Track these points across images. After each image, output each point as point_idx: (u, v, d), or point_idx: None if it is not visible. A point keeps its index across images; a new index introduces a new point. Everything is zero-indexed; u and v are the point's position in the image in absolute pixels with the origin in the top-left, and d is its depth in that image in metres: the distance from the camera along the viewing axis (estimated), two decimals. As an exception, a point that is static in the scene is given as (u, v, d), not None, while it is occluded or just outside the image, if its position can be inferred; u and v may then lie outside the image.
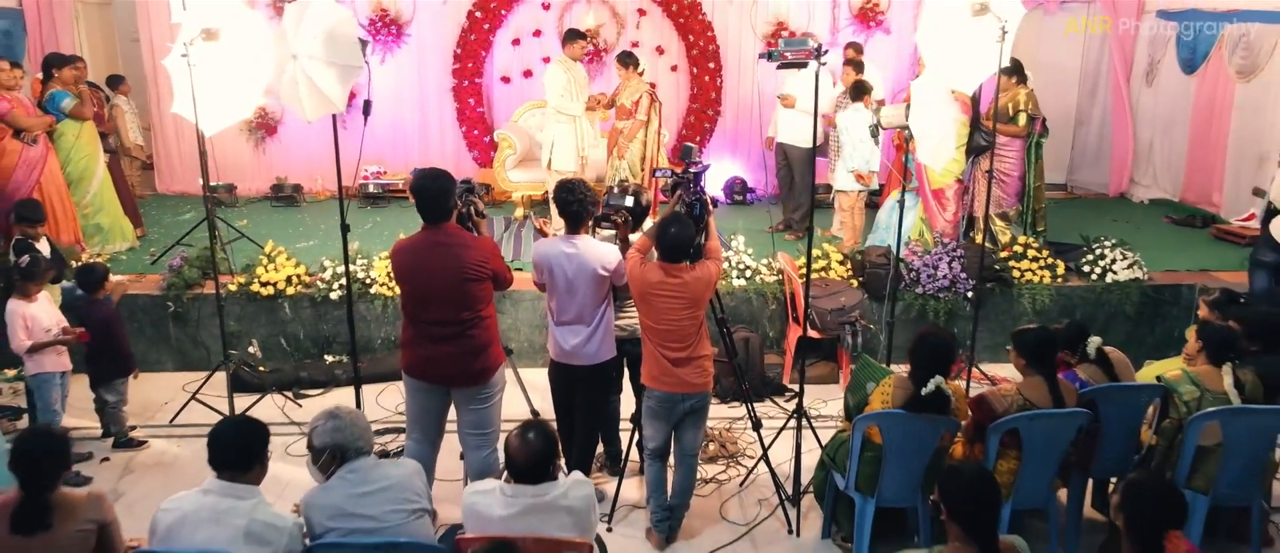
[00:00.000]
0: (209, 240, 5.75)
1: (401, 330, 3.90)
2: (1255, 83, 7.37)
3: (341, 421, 2.85)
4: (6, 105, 5.92)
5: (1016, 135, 6.58)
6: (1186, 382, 3.85)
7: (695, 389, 3.88)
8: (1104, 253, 6.26)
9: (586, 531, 2.79)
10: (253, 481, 2.74)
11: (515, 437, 2.77)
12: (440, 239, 3.68)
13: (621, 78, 7.09)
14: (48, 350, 4.45)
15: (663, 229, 3.75)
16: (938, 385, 3.51)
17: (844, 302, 5.69)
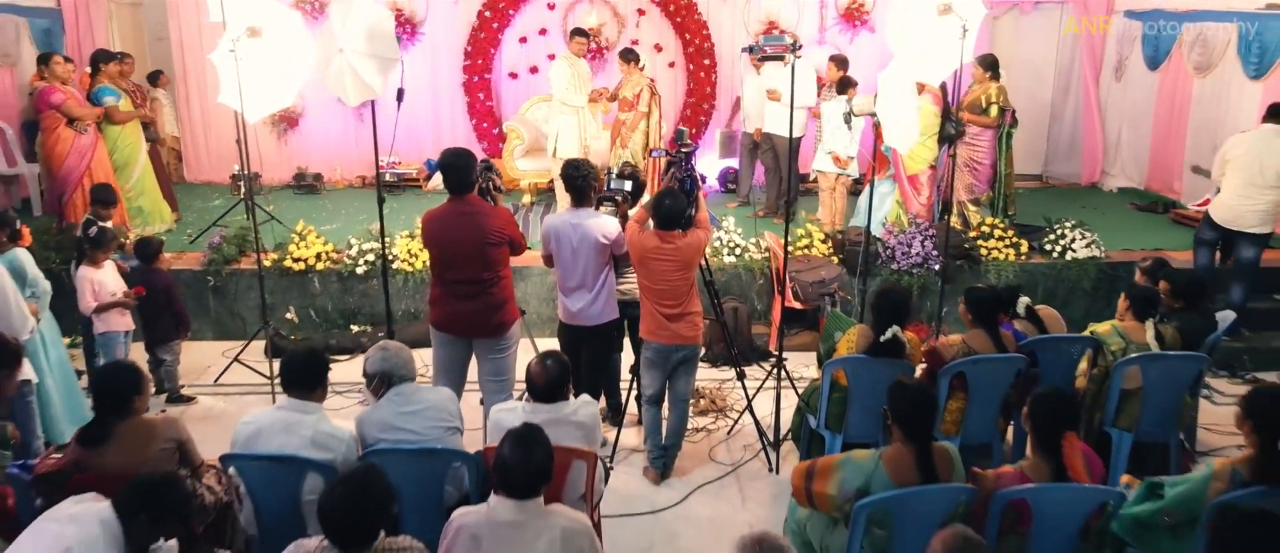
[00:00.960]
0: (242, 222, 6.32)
1: (430, 290, 4.47)
2: (1211, 78, 7.92)
3: (389, 353, 3.42)
4: (61, 97, 6.49)
5: (988, 126, 7.14)
6: (1114, 335, 4.42)
7: (686, 341, 4.45)
8: (1064, 233, 6.82)
9: (592, 443, 3.36)
10: (316, 399, 3.31)
11: (535, 363, 3.35)
12: (464, 209, 4.25)
13: (624, 73, 7.67)
14: (112, 312, 5.02)
15: (658, 201, 4.31)
16: (894, 333, 4.07)
17: (824, 275, 6.26)
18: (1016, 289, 4.72)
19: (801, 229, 6.87)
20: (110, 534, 2.52)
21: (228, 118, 8.66)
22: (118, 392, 3.11)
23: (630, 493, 4.57)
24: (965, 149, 7.18)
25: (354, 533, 2.40)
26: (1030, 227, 7.13)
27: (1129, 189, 9.16)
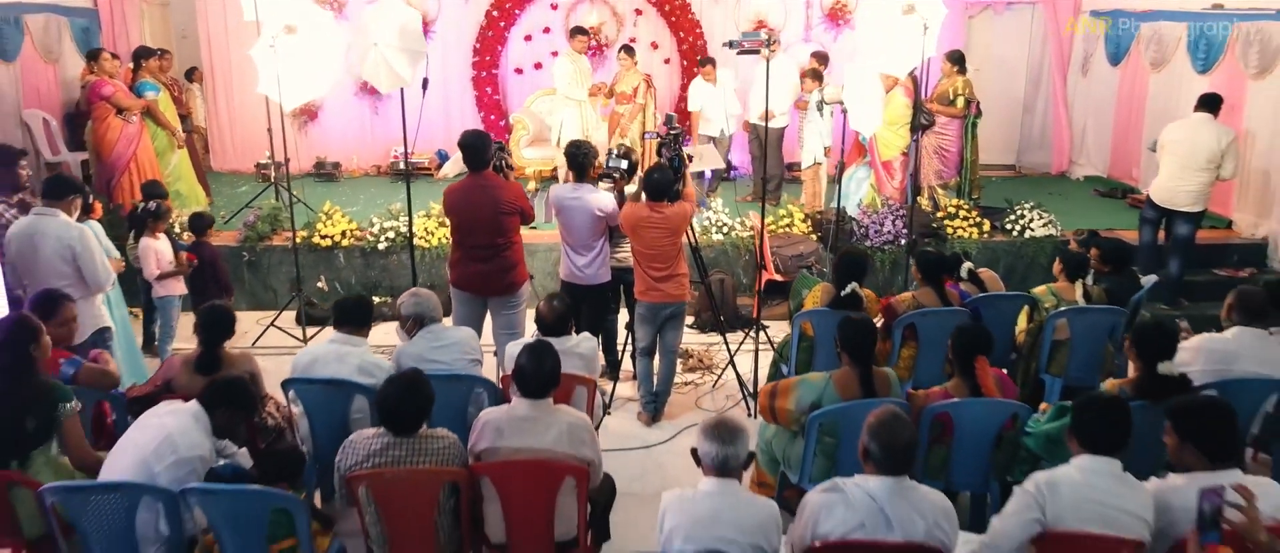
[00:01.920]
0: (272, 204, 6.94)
1: (450, 253, 5.12)
2: (1165, 73, 8.56)
3: (421, 298, 4.08)
4: (111, 89, 7.15)
5: (955, 116, 7.79)
6: (1049, 295, 5.07)
7: (674, 299, 5.10)
8: (1024, 214, 7.47)
9: (592, 371, 4.02)
10: (362, 335, 3.97)
11: (544, 302, 4.00)
12: (481, 182, 4.90)
13: (623, 66, 8.33)
14: (170, 278, 5.67)
15: (649, 175, 4.97)
16: (852, 289, 4.72)
17: (802, 250, 6.91)
18: (959, 256, 5.36)
19: (783, 210, 7.52)
20: (199, 424, 3.18)
21: (252, 110, 9.34)
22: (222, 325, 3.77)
23: (626, 433, 5.22)
24: (934, 137, 7.84)
25: (404, 421, 3.05)
26: (994, 208, 7.78)
27: (1094, 177, 9.80)
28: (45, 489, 3.00)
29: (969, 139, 7.92)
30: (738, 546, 2.63)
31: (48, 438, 3.34)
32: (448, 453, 3.13)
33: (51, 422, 3.31)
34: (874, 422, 2.72)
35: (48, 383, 3.37)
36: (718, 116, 8.53)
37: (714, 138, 8.56)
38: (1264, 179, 7.41)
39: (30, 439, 3.29)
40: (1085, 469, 2.76)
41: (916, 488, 2.72)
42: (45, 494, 3.01)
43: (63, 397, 3.34)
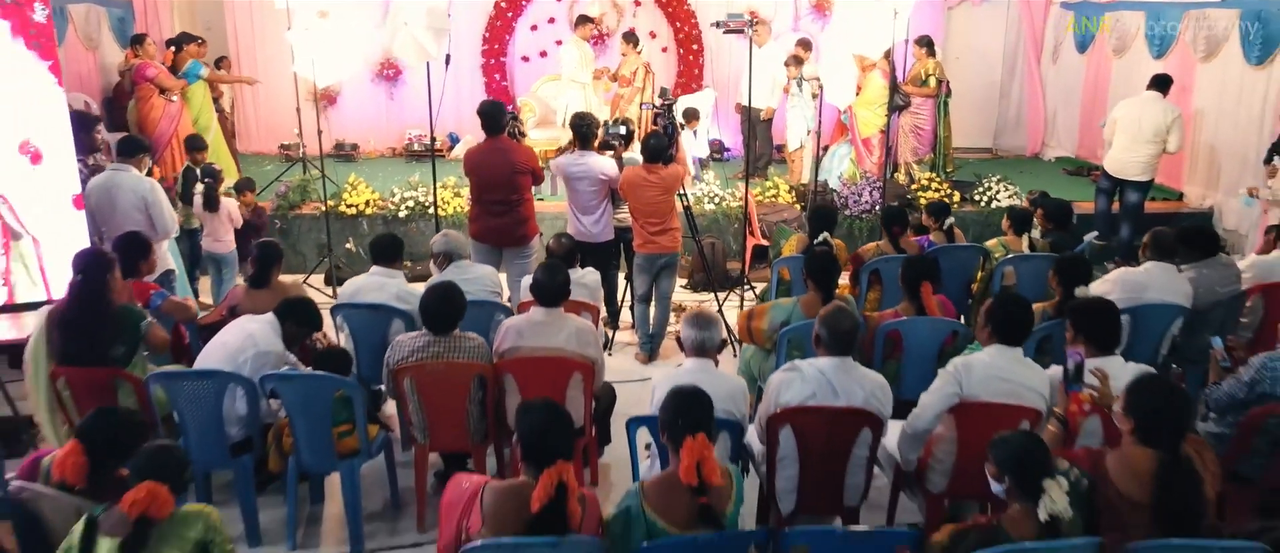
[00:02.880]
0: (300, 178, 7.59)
1: (470, 209, 5.79)
2: (1125, 58, 9.23)
3: (451, 237, 4.75)
4: (154, 71, 7.81)
5: (928, 96, 8.45)
6: (999, 246, 5.74)
7: (666, 250, 5.75)
8: (991, 186, 8.13)
9: (595, 300, 4.68)
10: (397, 268, 4.63)
11: (552, 239, 4.68)
12: (497, 145, 5.56)
13: (624, 52, 8.98)
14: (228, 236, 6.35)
15: (645, 141, 5.62)
16: (824, 238, 5.38)
17: (785, 217, 7.57)
18: (945, 206, 6.01)
19: (770, 182, 8.18)
20: (274, 329, 3.83)
21: (275, 95, 10.01)
22: (273, 254, 4.44)
23: (625, 369, 5.88)
24: (910, 117, 8.50)
25: (442, 321, 3.72)
26: (965, 182, 8.44)
27: (1064, 157, 10.47)
28: (151, 376, 3.66)
29: (941, 117, 8.58)
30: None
31: (133, 360, 3.96)
32: (477, 351, 3.80)
33: (136, 342, 3.93)
34: (824, 313, 3.38)
35: (125, 309, 3.94)
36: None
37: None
38: (1211, 154, 8.07)
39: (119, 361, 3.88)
40: (994, 354, 3.42)
41: (858, 367, 3.38)
42: (150, 381, 3.67)
43: (139, 317, 3.95)
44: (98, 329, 3.73)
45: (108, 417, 2.78)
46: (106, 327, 3.76)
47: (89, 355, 3.70)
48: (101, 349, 3.73)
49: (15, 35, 4.66)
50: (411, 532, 4.03)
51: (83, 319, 3.72)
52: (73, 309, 3.73)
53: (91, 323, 3.72)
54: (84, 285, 3.73)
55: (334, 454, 3.78)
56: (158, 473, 2.50)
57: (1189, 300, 4.62)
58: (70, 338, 3.71)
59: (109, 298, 3.77)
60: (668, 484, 2.63)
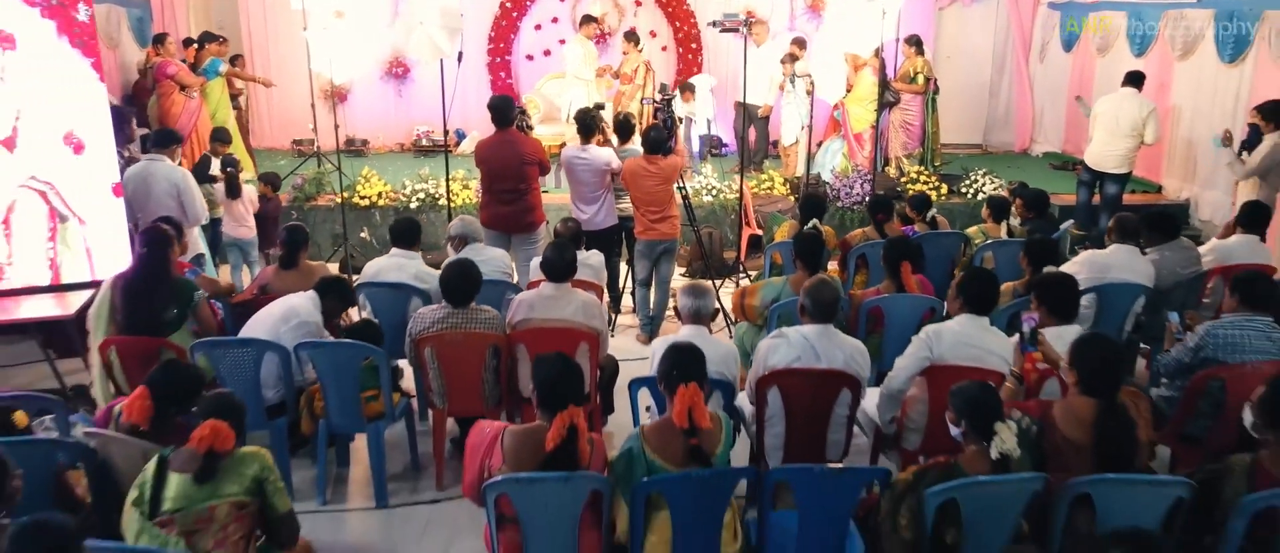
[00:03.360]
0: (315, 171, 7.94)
1: (481, 197, 6.14)
2: (1108, 57, 9.58)
3: (467, 221, 5.11)
4: (175, 68, 8.17)
5: (917, 93, 8.81)
6: (979, 233, 6.09)
7: (666, 237, 6.11)
8: (977, 179, 8.49)
9: (599, 280, 5.04)
10: (415, 251, 4.98)
11: (559, 223, 5.02)
12: (506, 137, 5.91)
13: (626, 51, 9.34)
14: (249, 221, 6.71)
15: (646, 134, 5.98)
16: (814, 224, 5.73)
17: (780, 208, 7.92)
18: (927, 198, 6.37)
19: (766, 176, 8.53)
20: (314, 303, 4.19)
21: (287, 93, 10.37)
22: (300, 237, 4.80)
23: (627, 349, 6.22)
24: (899, 113, 8.86)
25: (460, 294, 4.07)
26: (952, 175, 8.80)
27: (1051, 153, 10.82)
28: (196, 345, 4.01)
29: (929, 113, 8.94)
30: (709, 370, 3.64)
31: (183, 323, 4.35)
32: (492, 323, 4.15)
33: (188, 309, 4.32)
34: (807, 285, 3.74)
35: (183, 280, 4.39)
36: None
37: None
38: (1187, 148, 8.42)
39: (171, 325, 4.29)
40: (963, 322, 3.77)
41: (839, 334, 3.73)
42: (196, 349, 4.02)
43: (194, 288, 4.37)
44: (157, 295, 4.14)
45: (172, 368, 3.14)
46: (165, 293, 4.17)
47: (146, 317, 4.09)
48: (158, 313, 4.12)
49: (60, 34, 5.01)
50: (430, 490, 4.39)
51: (145, 285, 4.13)
52: (138, 276, 4.13)
53: (153, 289, 4.13)
54: (148, 256, 4.15)
55: (361, 417, 4.14)
56: (220, 413, 2.85)
57: (1151, 280, 4.97)
58: (132, 301, 4.10)
59: (169, 269, 4.18)
60: (664, 428, 2.99)
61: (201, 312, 4.35)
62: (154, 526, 2.70)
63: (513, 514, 2.90)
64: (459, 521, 4.12)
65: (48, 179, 5.18)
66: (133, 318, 4.15)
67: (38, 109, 5.05)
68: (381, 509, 4.23)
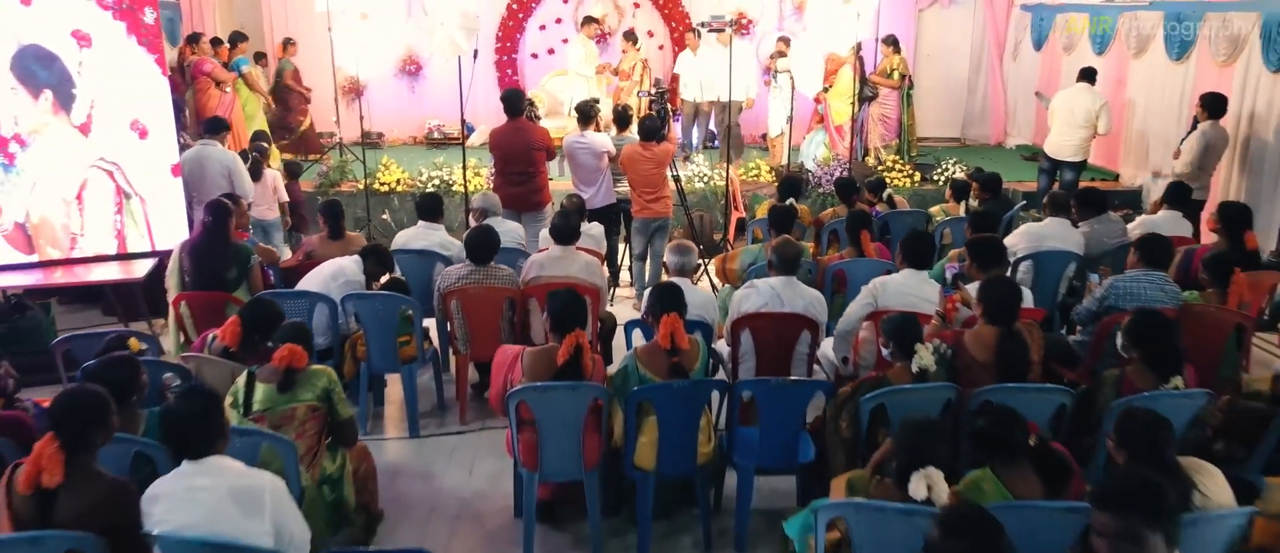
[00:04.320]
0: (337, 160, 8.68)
1: (494, 180, 6.86)
2: (1073, 55, 10.29)
3: (488, 196, 5.87)
4: (211, 66, 8.90)
5: (893, 88, 9.53)
6: (940, 212, 6.82)
7: (660, 215, 6.83)
8: (948, 168, 9.21)
9: (600, 248, 5.77)
10: (439, 222, 5.71)
11: (566, 198, 5.74)
12: (517, 126, 6.64)
13: (625, 49, 10.08)
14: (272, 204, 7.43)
15: (642, 123, 6.72)
16: (791, 203, 6.46)
17: (763, 191, 8.65)
18: (882, 181, 7.10)
19: (752, 164, 9.26)
20: (358, 265, 4.92)
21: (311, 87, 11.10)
22: (339, 210, 5.53)
23: (623, 317, 6.93)
24: (878, 107, 9.58)
25: (482, 253, 4.80)
26: (925, 164, 9.53)
27: (1023, 144, 11.54)
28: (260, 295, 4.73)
29: (905, 107, 9.66)
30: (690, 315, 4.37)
31: (241, 283, 5.07)
32: (509, 279, 4.89)
33: (246, 271, 5.05)
34: (774, 243, 4.47)
35: (242, 246, 5.11)
36: (693, 85, 10.19)
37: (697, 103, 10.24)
38: (1141, 139, 9.15)
39: (231, 283, 5.01)
40: (905, 275, 4.49)
41: (800, 284, 4.46)
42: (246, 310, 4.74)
43: (250, 253, 5.09)
44: (221, 256, 4.86)
45: (259, 304, 3.87)
46: (227, 257, 4.89)
47: (211, 276, 4.82)
48: (221, 272, 4.84)
49: (130, 34, 5.74)
50: (455, 425, 5.12)
51: (210, 249, 4.85)
52: (203, 241, 4.86)
53: (216, 252, 4.85)
54: (213, 224, 4.87)
55: (397, 360, 4.87)
56: (295, 339, 3.57)
57: (1081, 249, 5.69)
58: (198, 262, 4.83)
59: (230, 235, 4.90)
60: (652, 349, 3.72)
61: (254, 274, 5.07)
62: (249, 420, 3.43)
63: (530, 418, 3.63)
64: (480, 448, 4.86)
65: (115, 160, 5.91)
66: (199, 277, 4.88)
67: (108, 99, 5.78)
68: (414, 439, 4.96)
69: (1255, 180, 7.45)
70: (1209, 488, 2.72)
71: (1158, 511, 2.11)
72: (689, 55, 10.14)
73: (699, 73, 9.92)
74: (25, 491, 2.59)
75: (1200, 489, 2.71)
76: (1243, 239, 5.25)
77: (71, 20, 5.57)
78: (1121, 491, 2.18)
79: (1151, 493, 2.14)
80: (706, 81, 9.67)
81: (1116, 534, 2.12)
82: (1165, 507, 2.13)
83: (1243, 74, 7.51)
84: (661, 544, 3.97)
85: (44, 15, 5.49)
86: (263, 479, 2.70)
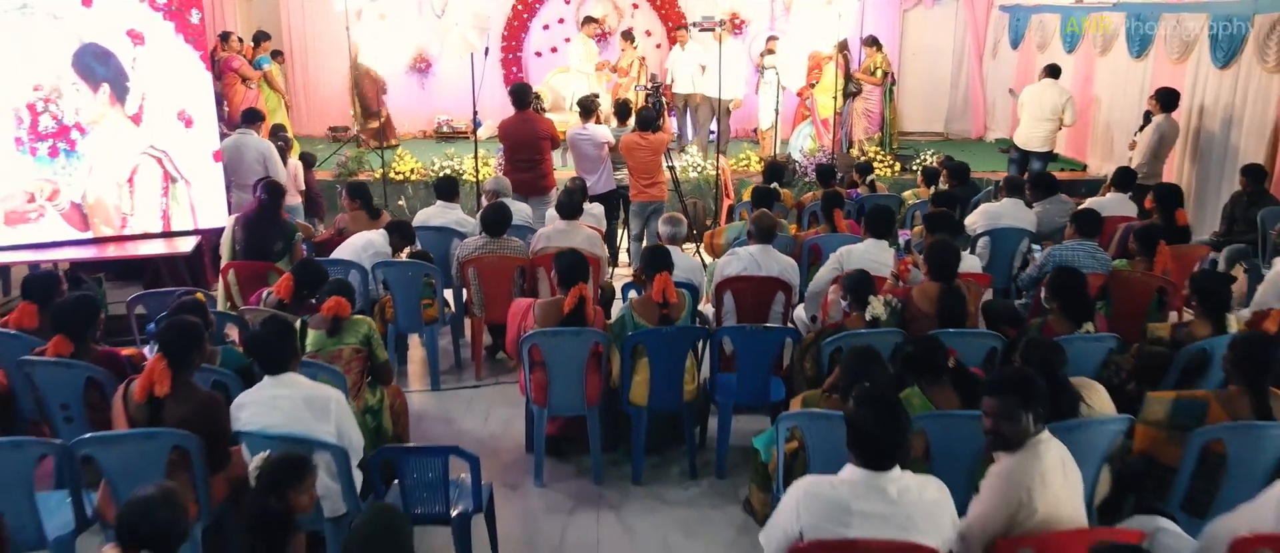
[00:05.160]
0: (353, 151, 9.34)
1: (503, 168, 7.49)
2: (1046, 53, 10.92)
3: (500, 179, 6.50)
4: (238, 63, 9.55)
5: (876, 84, 10.16)
6: (912, 196, 7.46)
7: (656, 199, 7.46)
8: (925, 158, 9.84)
9: (600, 225, 6.40)
10: (455, 202, 6.35)
11: (569, 180, 6.37)
12: (525, 117, 7.28)
13: (623, 48, 10.72)
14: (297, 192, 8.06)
15: (639, 114, 7.35)
16: (774, 186, 7.10)
17: (753, 181, 9.28)
18: (869, 165, 7.74)
19: (743, 155, 9.90)
20: (385, 238, 5.56)
21: (324, 84, 11.74)
22: (367, 190, 6.17)
23: (622, 292, 7.59)
24: (862, 102, 10.21)
25: (496, 226, 5.43)
26: (905, 154, 10.16)
27: (1002, 138, 12.16)
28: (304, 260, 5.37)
29: (887, 102, 10.30)
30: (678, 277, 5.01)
31: (285, 255, 5.70)
32: (520, 249, 5.52)
33: (290, 245, 5.68)
34: (753, 216, 5.10)
35: (288, 222, 5.75)
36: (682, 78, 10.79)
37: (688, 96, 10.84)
38: (1106, 131, 9.78)
39: (277, 255, 5.65)
40: (867, 244, 5.12)
41: (775, 251, 5.09)
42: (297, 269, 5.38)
43: (294, 230, 5.73)
44: (270, 230, 5.52)
45: (309, 264, 4.51)
46: (275, 231, 5.54)
47: (259, 248, 5.46)
48: (269, 244, 5.49)
49: (177, 32, 6.37)
50: (471, 379, 5.76)
51: (262, 223, 5.50)
52: (256, 216, 5.51)
53: (268, 226, 5.51)
54: (268, 201, 5.53)
55: (422, 320, 5.50)
56: (340, 292, 4.20)
57: (1034, 226, 6.33)
58: (250, 234, 5.47)
59: (281, 211, 5.56)
60: (645, 300, 4.36)
61: (296, 248, 5.71)
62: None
63: (540, 359, 4.27)
64: (494, 399, 5.50)
65: (163, 148, 6.53)
66: (249, 247, 5.52)
67: (158, 91, 6.40)
68: (435, 392, 5.60)
69: (1203, 168, 8.08)
70: (1093, 401, 3.36)
71: (1028, 396, 2.74)
72: (678, 50, 10.76)
73: (688, 66, 10.54)
74: (139, 399, 3.22)
75: (1086, 402, 3.34)
76: (1174, 217, 5.89)
77: (126, 20, 6.19)
78: (1002, 380, 2.81)
79: (1024, 383, 2.77)
80: (695, 75, 10.30)
81: (997, 413, 2.75)
82: (1034, 394, 2.76)
83: (1193, 71, 8.14)
84: (653, 473, 4.61)
85: (103, 16, 6.12)
86: (330, 392, 3.34)
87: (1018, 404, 2.73)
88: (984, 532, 2.76)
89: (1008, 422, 2.74)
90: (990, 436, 2.82)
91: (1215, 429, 3.29)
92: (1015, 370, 2.88)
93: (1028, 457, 2.77)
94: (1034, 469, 2.75)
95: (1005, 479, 2.78)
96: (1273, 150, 7.15)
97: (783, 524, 2.64)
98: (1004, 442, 2.81)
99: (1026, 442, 2.78)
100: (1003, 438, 2.80)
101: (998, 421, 2.75)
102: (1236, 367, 3.37)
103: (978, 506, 2.82)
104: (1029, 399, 2.74)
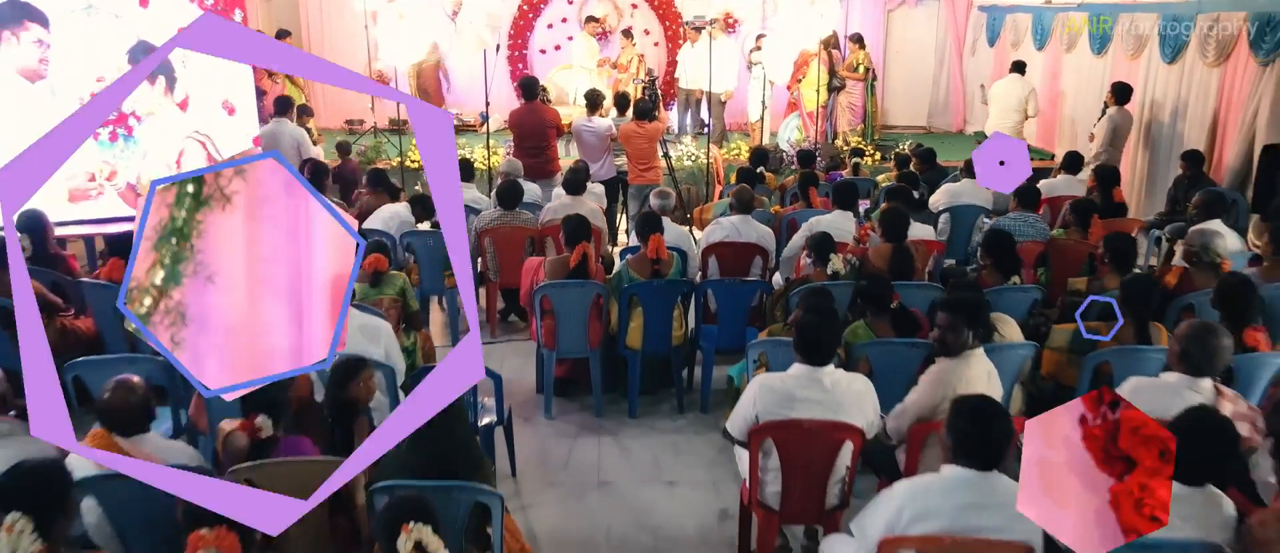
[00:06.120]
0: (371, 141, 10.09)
1: (513, 152, 8.23)
2: (1019, 50, 11.63)
3: (512, 161, 7.23)
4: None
5: (859, 80, 10.90)
6: (886, 180, 8.18)
7: (652, 182, 8.19)
8: (904, 148, 10.57)
9: (601, 204, 7.13)
10: (469, 181, 7.08)
11: (573, 163, 7.11)
12: (533, 107, 8.01)
13: (623, 46, 11.46)
14: (327, 174, 8.78)
15: (637, 105, 8.09)
16: (761, 169, 7.83)
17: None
18: (861, 150, 8.48)
19: (734, 145, 10.64)
20: (408, 212, 6.29)
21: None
22: (386, 176, 6.90)
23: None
24: (846, 96, 10.94)
25: (510, 200, 6.16)
26: (886, 145, 10.90)
27: (980, 132, 12.87)
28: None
29: (869, 96, 11.03)
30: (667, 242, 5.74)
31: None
32: (530, 221, 6.26)
33: (324, 216, 6.42)
34: (734, 191, 5.83)
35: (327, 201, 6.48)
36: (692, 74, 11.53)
37: (690, 91, 11.58)
38: (1072, 124, 10.51)
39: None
40: (834, 214, 5.85)
41: (755, 221, 5.82)
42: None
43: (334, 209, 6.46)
44: (311, 203, 6.22)
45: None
46: (315, 204, 6.25)
47: (302, 219, 6.18)
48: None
49: (222, 29, 7.10)
50: (486, 336, 6.50)
51: (303, 195, 6.21)
52: (299, 190, 6.23)
53: (308, 199, 6.21)
54: (312, 180, 6.18)
55: (444, 284, 6.24)
56: (378, 250, 4.94)
57: (990, 204, 7.05)
58: (294, 207, 6.20)
59: (321, 190, 6.26)
60: (639, 258, 5.09)
61: (331, 219, 6.45)
62: (350, 305, 4.80)
63: (550, 308, 5.00)
64: (507, 353, 6.23)
65: (207, 133, 7.27)
66: (289, 220, 6.26)
67: (204, 82, 7.14)
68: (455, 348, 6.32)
69: (1155, 155, 8.81)
70: (1005, 331, 4.09)
71: (973, 314, 3.47)
72: (688, 47, 11.48)
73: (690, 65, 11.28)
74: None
75: (999, 332, 4.07)
76: (1112, 194, 6.62)
77: (178, 18, 6.92)
78: (955, 301, 3.54)
79: (970, 303, 3.51)
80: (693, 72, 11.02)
81: (946, 326, 3.48)
82: (978, 316, 3.49)
83: (1145, 66, 8.87)
84: (647, 409, 5.34)
85: (157, 14, 6.86)
86: (380, 321, 4.07)
87: (964, 321, 3.45)
88: (917, 411, 3.49)
89: (952, 333, 3.47)
90: (937, 343, 3.54)
91: (1105, 353, 4.02)
92: (967, 295, 3.62)
93: (960, 363, 3.50)
94: (964, 372, 3.48)
95: (940, 376, 3.51)
96: (1212, 137, 7.89)
97: (743, 412, 3.37)
98: (946, 349, 3.53)
99: (963, 353, 3.50)
100: (946, 346, 3.52)
101: (945, 331, 3.48)
102: (1126, 302, 4.10)
103: (914, 393, 3.55)
104: (973, 319, 3.47)
